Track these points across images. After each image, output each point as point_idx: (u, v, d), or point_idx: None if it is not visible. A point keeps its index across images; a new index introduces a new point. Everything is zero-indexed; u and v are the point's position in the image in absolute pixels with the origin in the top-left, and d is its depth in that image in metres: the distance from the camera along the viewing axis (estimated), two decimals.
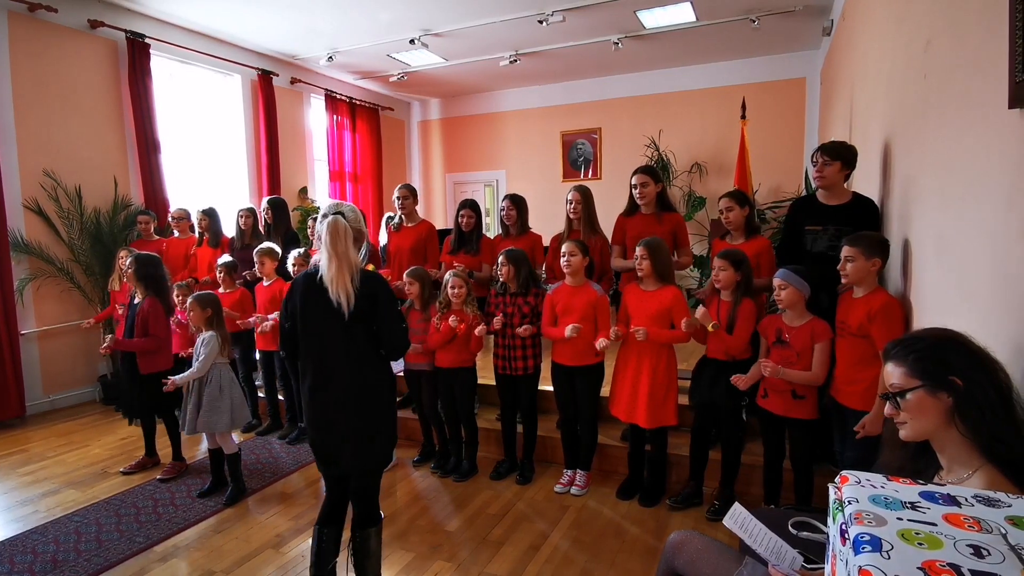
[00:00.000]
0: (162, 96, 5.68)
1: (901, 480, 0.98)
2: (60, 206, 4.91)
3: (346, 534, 2.30)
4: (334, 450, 2.20)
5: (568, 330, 3.02)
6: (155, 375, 3.45)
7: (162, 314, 3.56)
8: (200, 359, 3.25)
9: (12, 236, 4.60)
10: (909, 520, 0.86)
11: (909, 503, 0.91)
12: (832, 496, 0.99)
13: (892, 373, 1.19)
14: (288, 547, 2.81)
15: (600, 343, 3.01)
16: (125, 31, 5.29)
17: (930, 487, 0.97)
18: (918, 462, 1.25)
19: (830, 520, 0.99)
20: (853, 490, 0.94)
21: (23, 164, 4.70)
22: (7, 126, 4.59)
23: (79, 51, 5.08)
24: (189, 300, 3.33)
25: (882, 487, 0.95)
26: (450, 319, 3.30)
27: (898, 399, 1.17)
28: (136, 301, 3.55)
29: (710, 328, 2.81)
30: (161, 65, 5.73)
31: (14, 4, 4.57)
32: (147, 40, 5.44)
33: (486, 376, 3.64)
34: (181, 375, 3.24)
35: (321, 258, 2.09)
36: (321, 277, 2.08)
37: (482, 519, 3.05)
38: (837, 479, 1.00)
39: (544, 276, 3.83)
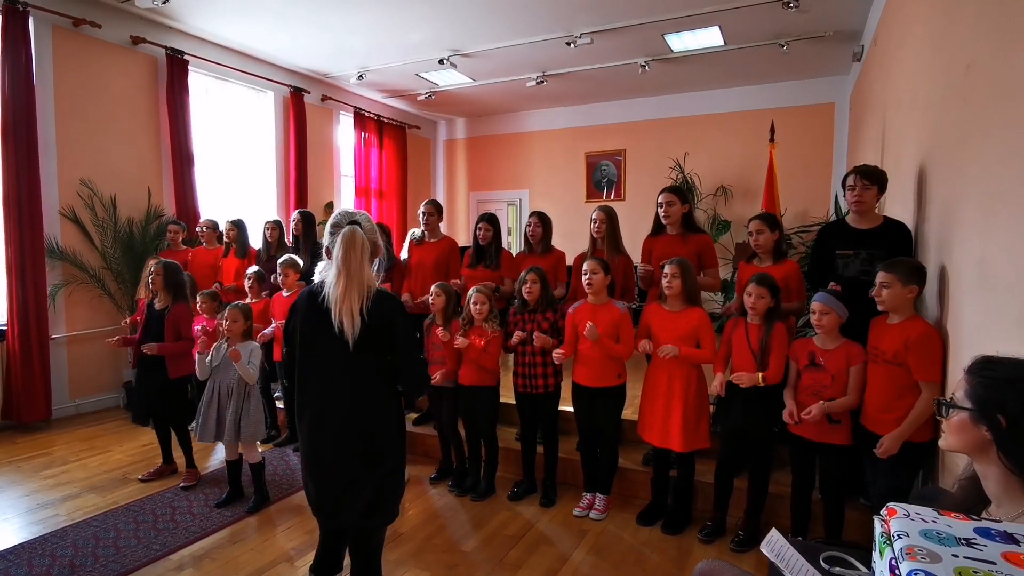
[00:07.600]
0: (197, 110, 5.82)
1: (953, 515, 0.93)
2: (95, 215, 5.04)
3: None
4: (331, 501, 1.90)
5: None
6: (182, 379, 3.50)
7: (191, 319, 3.60)
8: (251, 369, 3.21)
9: (48, 243, 4.71)
10: (966, 558, 0.81)
11: (964, 539, 0.86)
12: (879, 529, 0.94)
13: (960, 384, 1.17)
14: (302, 561, 2.77)
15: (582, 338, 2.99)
16: (165, 48, 5.47)
17: (985, 523, 0.91)
18: (968, 500, 1.21)
19: (876, 555, 0.94)
20: (902, 523, 0.90)
21: (62, 173, 4.84)
22: (48, 136, 4.74)
23: (120, 66, 5.25)
24: (229, 309, 3.29)
25: (934, 521, 0.90)
26: (457, 340, 3.28)
27: (947, 408, 1.16)
28: (158, 308, 3.59)
29: (761, 383, 2.69)
30: (198, 81, 5.89)
31: (59, 19, 4.75)
32: (186, 57, 5.61)
33: (505, 394, 3.59)
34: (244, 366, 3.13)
35: (328, 274, 1.83)
36: (325, 296, 1.82)
37: (499, 540, 2.99)
38: (884, 511, 0.95)
39: (566, 295, 3.80)
